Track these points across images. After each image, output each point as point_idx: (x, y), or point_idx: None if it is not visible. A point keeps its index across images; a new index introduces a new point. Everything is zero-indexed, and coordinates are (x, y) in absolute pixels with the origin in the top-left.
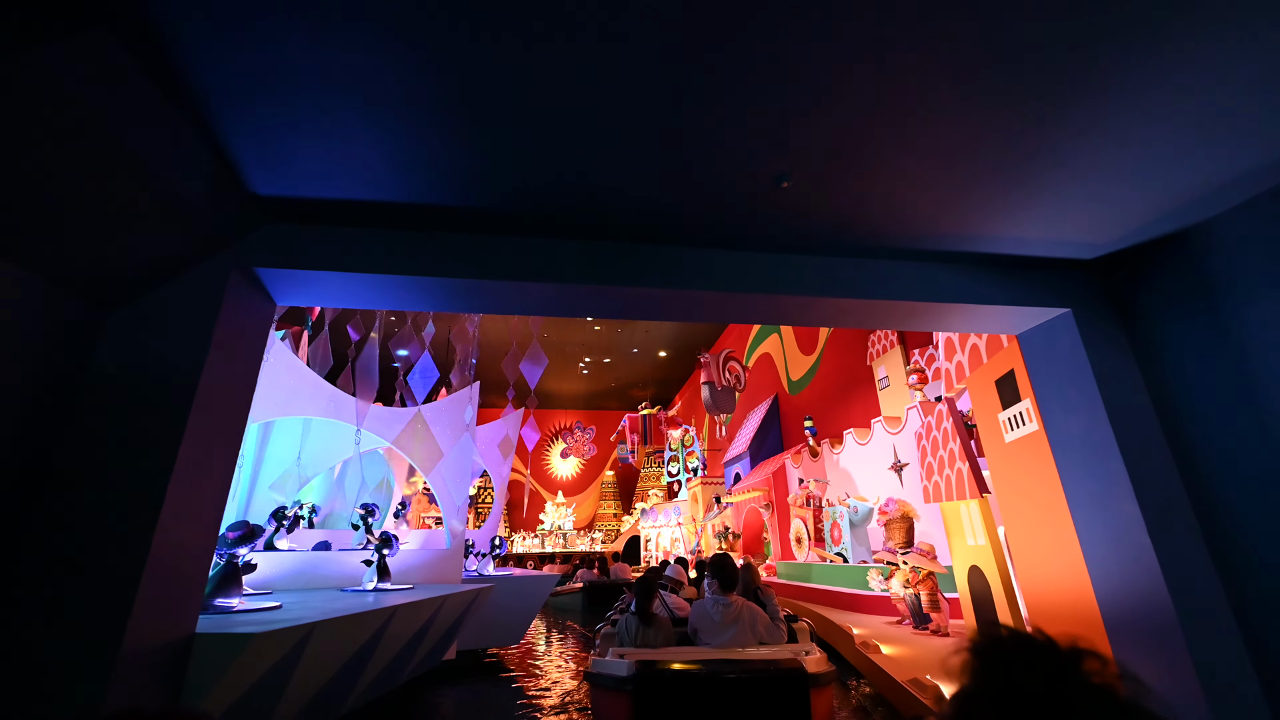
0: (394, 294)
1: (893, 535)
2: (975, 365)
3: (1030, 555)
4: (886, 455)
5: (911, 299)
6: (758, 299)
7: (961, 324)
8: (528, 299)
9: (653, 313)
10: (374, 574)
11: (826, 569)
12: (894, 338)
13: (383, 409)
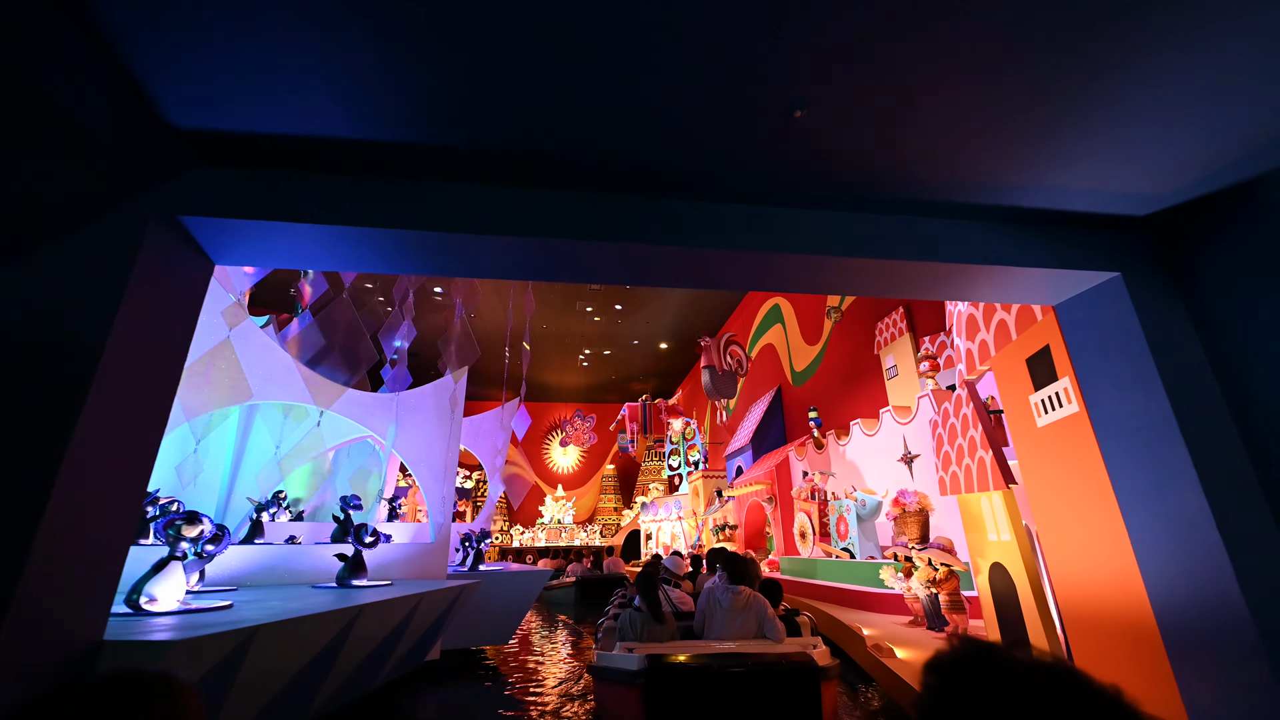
0: (348, 251)
1: (907, 530)
2: (1001, 345)
3: (1066, 552)
4: (896, 446)
5: (937, 260)
6: (762, 260)
7: (991, 292)
8: (502, 257)
9: (645, 275)
10: (350, 569)
11: (832, 565)
12: (903, 325)
13: (362, 394)
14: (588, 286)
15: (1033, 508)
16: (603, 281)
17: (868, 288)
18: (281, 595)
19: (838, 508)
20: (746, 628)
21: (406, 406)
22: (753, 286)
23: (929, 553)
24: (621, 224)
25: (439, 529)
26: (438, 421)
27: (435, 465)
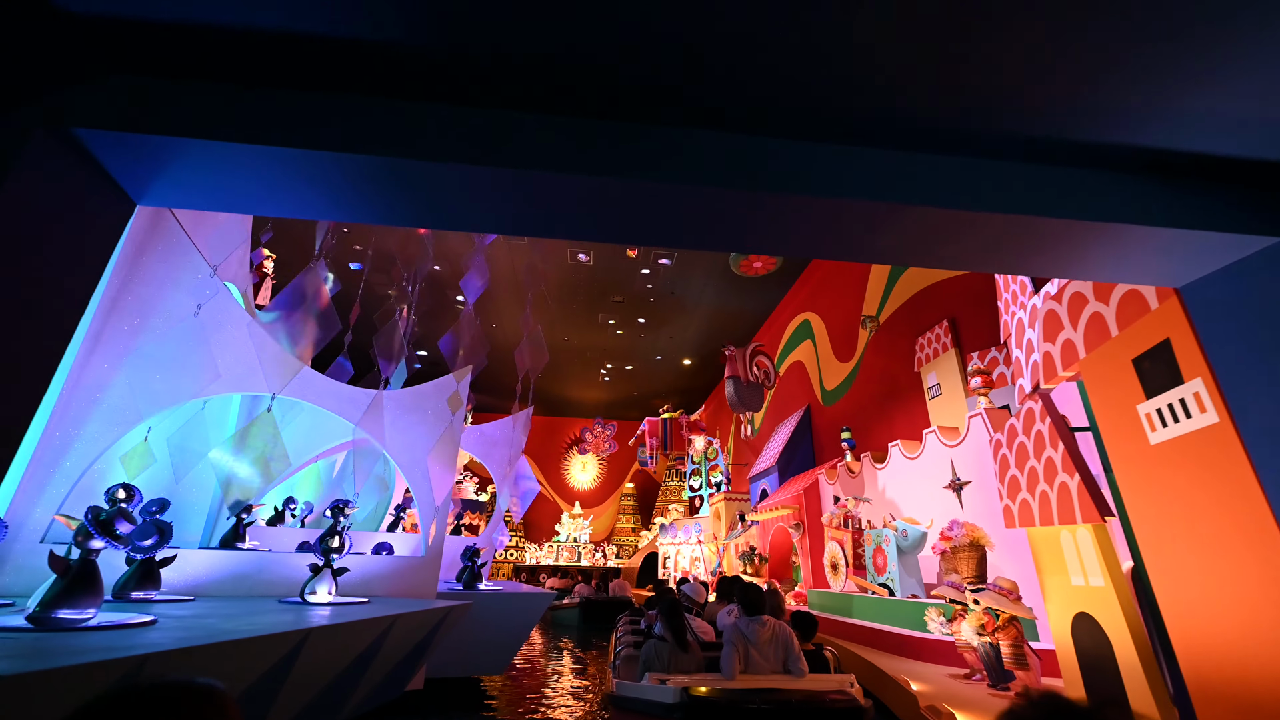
0: (293, 185)
1: (959, 567)
2: (1094, 345)
3: (1195, 602)
4: (942, 471)
5: (1029, 211)
6: (808, 208)
7: (1098, 265)
8: (483, 199)
9: (666, 230)
10: (318, 584)
11: (869, 602)
12: (947, 340)
13: (353, 390)
14: (611, 297)
15: (1144, 545)
16: (605, 237)
17: (942, 253)
18: (235, 609)
19: (875, 538)
20: (776, 659)
21: (403, 406)
22: (796, 249)
23: (985, 596)
24: (652, 156)
25: (430, 542)
26: (435, 423)
27: (430, 470)
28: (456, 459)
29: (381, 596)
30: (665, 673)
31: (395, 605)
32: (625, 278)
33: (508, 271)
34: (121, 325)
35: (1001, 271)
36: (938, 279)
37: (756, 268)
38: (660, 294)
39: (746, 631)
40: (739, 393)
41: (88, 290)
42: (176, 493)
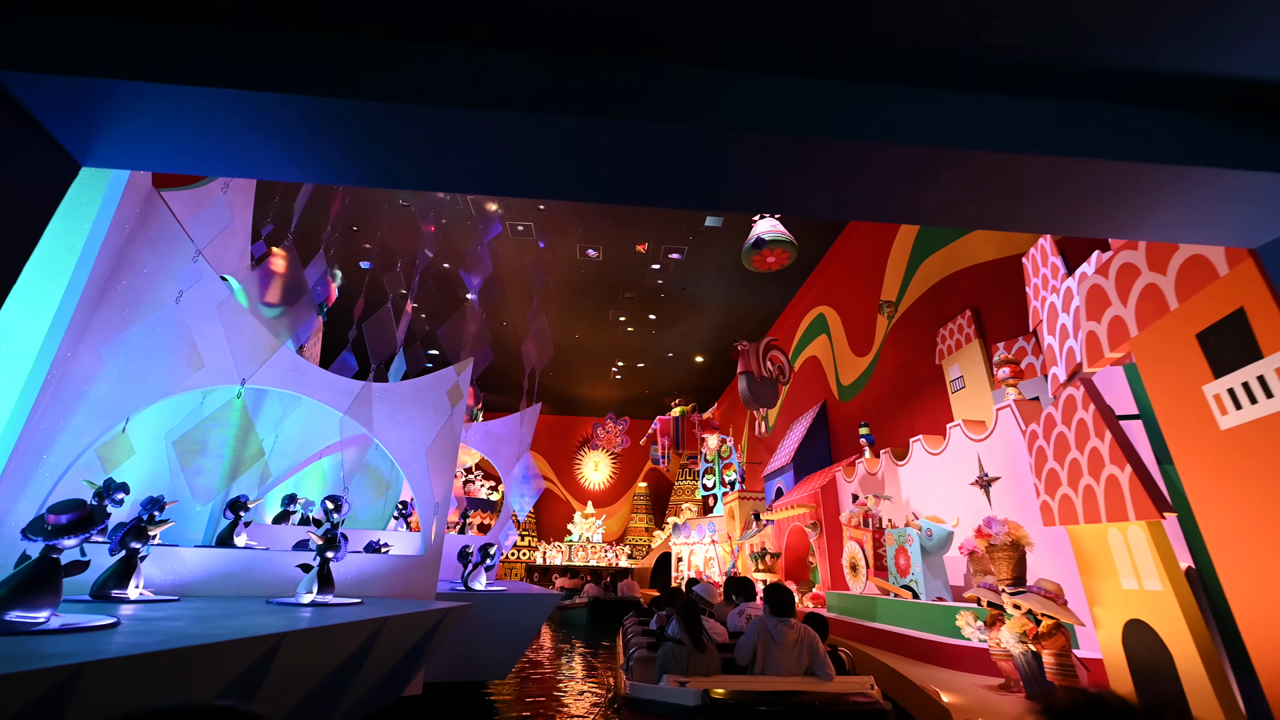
0: (245, 139)
1: (995, 568)
2: (1149, 320)
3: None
4: (967, 468)
5: (1087, 154)
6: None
7: (1162, 220)
8: (459, 148)
9: (682, 189)
10: (311, 583)
11: (894, 605)
12: (970, 330)
13: (349, 382)
14: (622, 293)
15: (1212, 544)
16: (604, 196)
17: (987, 209)
18: (216, 610)
19: (897, 537)
20: (800, 663)
21: (401, 399)
22: (812, 207)
23: (1027, 599)
24: (656, 96)
25: (429, 540)
26: (434, 417)
27: (430, 465)
28: (456, 454)
29: (378, 597)
30: (684, 675)
31: (390, 606)
32: (636, 273)
33: (517, 268)
34: (110, 315)
35: (1052, 231)
36: (959, 267)
37: (770, 263)
38: (671, 290)
39: (772, 630)
40: (752, 389)
41: (17, 263)
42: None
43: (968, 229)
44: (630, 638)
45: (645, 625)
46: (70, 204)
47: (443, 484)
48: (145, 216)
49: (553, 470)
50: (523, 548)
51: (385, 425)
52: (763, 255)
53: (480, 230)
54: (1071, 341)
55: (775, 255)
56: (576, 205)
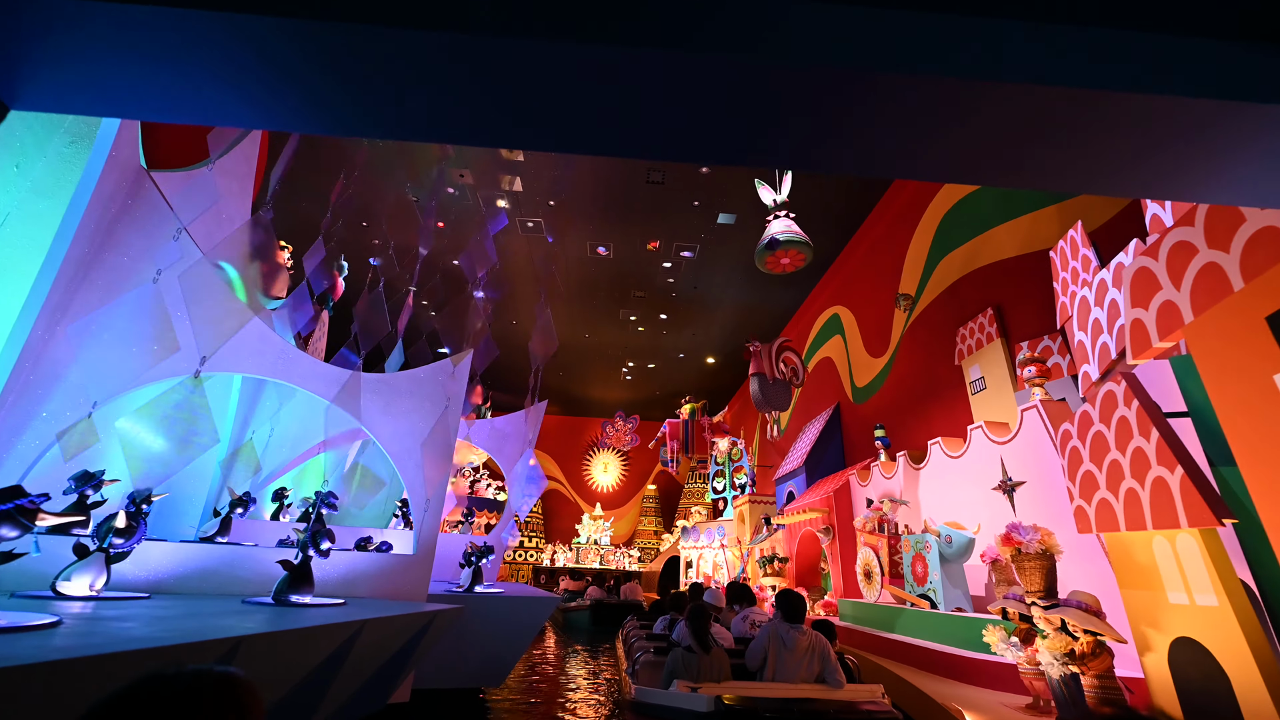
0: (189, 73)
1: (1025, 578)
2: (1205, 306)
3: None
4: (990, 471)
5: (1136, 88)
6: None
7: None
8: (437, 85)
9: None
10: (290, 582)
11: (911, 616)
12: (992, 329)
13: (339, 371)
14: (632, 292)
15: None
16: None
17: (1023, 160)
18: (181, 610)
19: (914, 544)
20: (810, 671)
21: (395, 390)
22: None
23: (1065, 613)
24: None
25: (422, 539)
26: (430, 410)
27: (423, 461)
28: (452, 450)
29: (366, 597)
30: (694, 680)
31: (375, 608)
32: (647, 272)
33: (526, 266)
34: (90, 298)
35: (1089, 188)
36: (980, 264)
37: (784, 264)
38: (683, 289)
39: (784, 636)
40: (764, 391)
41: None
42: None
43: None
44: (634, 642)
45: (649, 628)
46: (49, 179)
47: (437, 480)
48: (133, 197)
49: (561, 471)
50: (530, 549)
51: (378, 418)
52: (776, 257)
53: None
54: (1105, 337)
55: (790, 256)
56: (586, 201)
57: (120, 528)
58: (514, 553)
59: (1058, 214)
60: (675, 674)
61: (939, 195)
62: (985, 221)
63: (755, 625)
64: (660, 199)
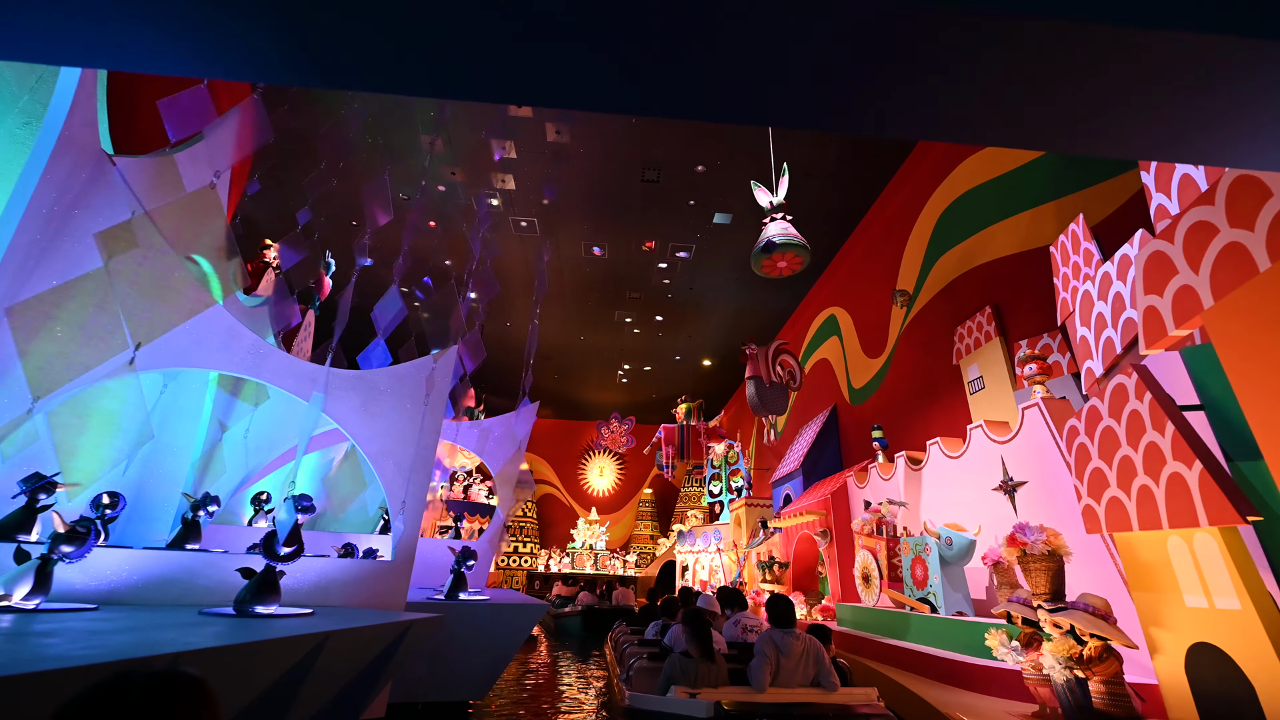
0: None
1: (1031, 580)
2: (1227, 289)
3: None
4: (990, 471)
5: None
6: None
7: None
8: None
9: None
10: (252, 591)
11: (911, 620)
12: (990, 328)
13: (314, 368)
14: (627, 292)
15: None
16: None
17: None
18: (126, 623)
19: (913, 546)
20: (806, 674)
21: (373, 387)
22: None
23: (1072, 617)
24: None
25: (400, 544)
26: (410, 409)
27: (402, 462)
28: (434, 449)
29: (340, 606)
30: (692, 686)
31: (345, 618)
32: (642, 273)
33: (521, 267)
34: (44, 287)
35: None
36: (978, 263)
37: (781, 268)
38: (679, 290)
39: (780, 643)
40: (761, 395)
41: None
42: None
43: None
44: (626, 648)
45: (639, 634)
46: None
47: (419, 482)
48: (92, 183)
49: (556, 476)
50: (525, 555)
51: (354, 416)
52: (773, 260)
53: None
54: (1110, 331)
55: (787, 260)
56: (582, 200)
57: (62, 533)
58: (508, 558)
59: (1056, 211)
60: (673, 680)
61: (936, 193)
62: (983, 219)
63: (747, 630)
64: (655, 198)
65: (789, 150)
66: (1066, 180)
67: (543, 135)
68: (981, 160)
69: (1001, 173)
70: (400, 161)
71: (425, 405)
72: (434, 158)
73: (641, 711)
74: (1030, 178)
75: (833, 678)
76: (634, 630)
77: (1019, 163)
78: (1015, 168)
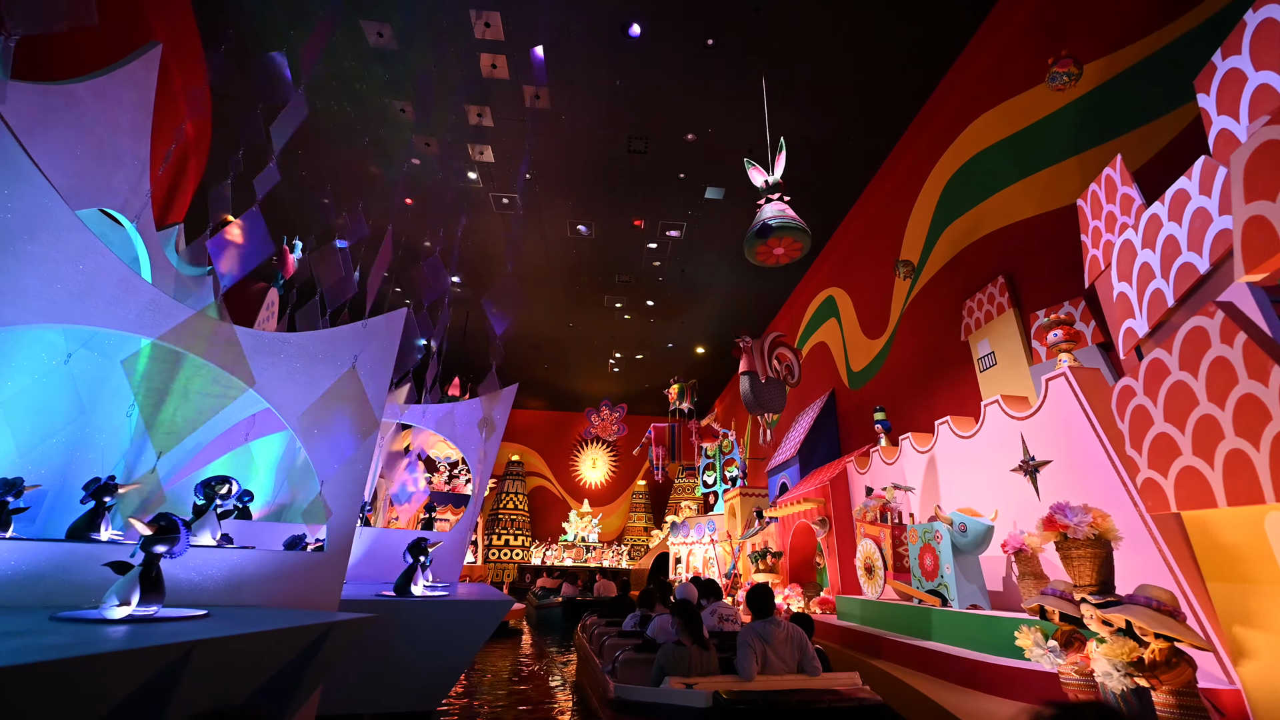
0: None
1: (1074, 569)
2: None
3: None
4: (1006, 451)
5: None
6: None
7: None
8: None
9: None
10: (127, 590)
11: (921, 615)
12: (1004, 299)
13: (231, 328)
14: (617, 275)
15: None
16: None
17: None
18: None
19: (922, 534)
20: (791, 660)
21: (306, 354)
22: None
23: (1129, 614)
24: None
25: (333, 534)
26: (353, 379)
27: (337, 432)
28: (376, 425)
29: (256, 606)
30: (685, 676)
31: (246, 620)
32: (631, 254)
33: (504, 248)
34: None
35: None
36: (988, 230)
37: (778, 254)
38: (670, 272)
39: (763, 633)
40: (755, 392)
41: None
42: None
43: None
44: (606, 640)
45: (616, 625)
46: None
47: (358, 463)
48: None
49: (548, 468)
50: (516, 548)
51: (279, 384)
52: (769, 246)
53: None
54: (1159, 282)
55: (784, 246)
56: (567, 174)
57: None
58: (499, 551)
59: (1079, 167)
60: (667, 670)
61: (943, 158)
62: (995, 182)
63: (723, 619)
64: (643, 171)
65: (785, 118)
66: (1092, 130)
67: (520, 100)
68: (995, 117)
69: (1017, 129)
70: (371, 131)
71: (353, 368)
72: (406, 126)
73: (632, 703)
74: (1051, 131)
75: (815, 663)
76: (610, 623)
77: (1039, 116)
78: (1034, 122)
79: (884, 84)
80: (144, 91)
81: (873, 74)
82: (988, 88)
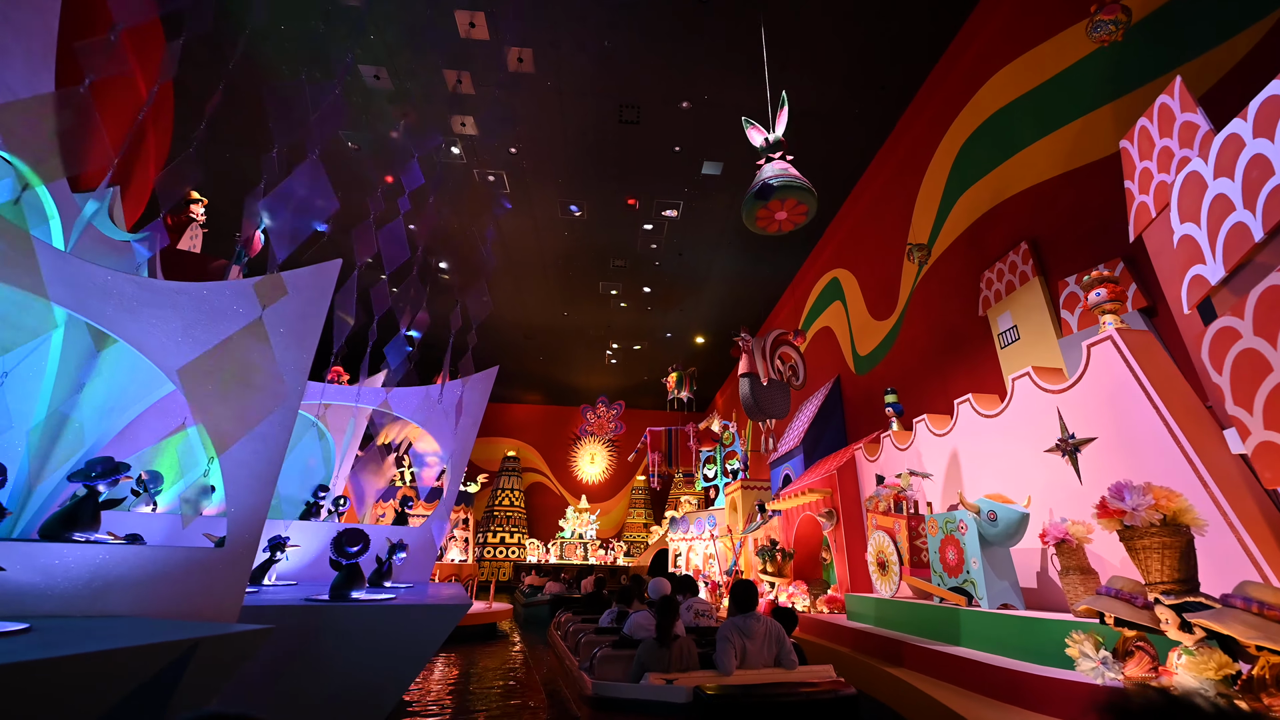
0: None
1: (1143, 561)
2: None
3: None
4: (1040, 429)
5: None
6: None
7: None
8: None
9: None
10: None
11: (947, 616)
12: (1028, 267)
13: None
14: (611, 260)
15: None
16: None
17: None
18: None
19: (943, 524)
20: (770, 654)
21: (209, 308)
22: None
23: (1222, 621)
24: None
25: (234, 527)
26: (269, 341)
27: (236, 398)
28: (300, 396)
29: (123, 615)
30: (664, 671)
31: (94, 635)
32: (626, 236)
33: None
34: None
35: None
36: (1011, 193)
37: (780, 220)
38: (667, 256)
39: (742, 627)
40: (756, 395)
41: None
42: None
43: None
44: (582, 637)
45: (593, 622)
46: None
47: (272, 439)
48: None
49: (546, 463)
50: (512, 545)
51: (169, 344)
52: (770, 210)
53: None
54: (1241, 214)
55: (787, 209)
56: (555, 148)
57: None
58: (494, 549)
59: (1113, 114)
60: (646, 666)
61: (956, 122)
62: (1015, 142)
63: (699, 614)
64: (636, 144)
65: (785, 87)
66: (1132, 71)
67: (503, 64)
68: (1015, 71)
69: (1041, 81)
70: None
71: (272, 330)
72: (381, 95)
73: (611, 700)
74: (1080, 78)
75: (792, 657)
76: (586, 619)
77: (1064, 65)
78: (1058, 72)
79: (893, 45)
80: (42, 15)
81: (880, 35)
82: (1006, 40)
